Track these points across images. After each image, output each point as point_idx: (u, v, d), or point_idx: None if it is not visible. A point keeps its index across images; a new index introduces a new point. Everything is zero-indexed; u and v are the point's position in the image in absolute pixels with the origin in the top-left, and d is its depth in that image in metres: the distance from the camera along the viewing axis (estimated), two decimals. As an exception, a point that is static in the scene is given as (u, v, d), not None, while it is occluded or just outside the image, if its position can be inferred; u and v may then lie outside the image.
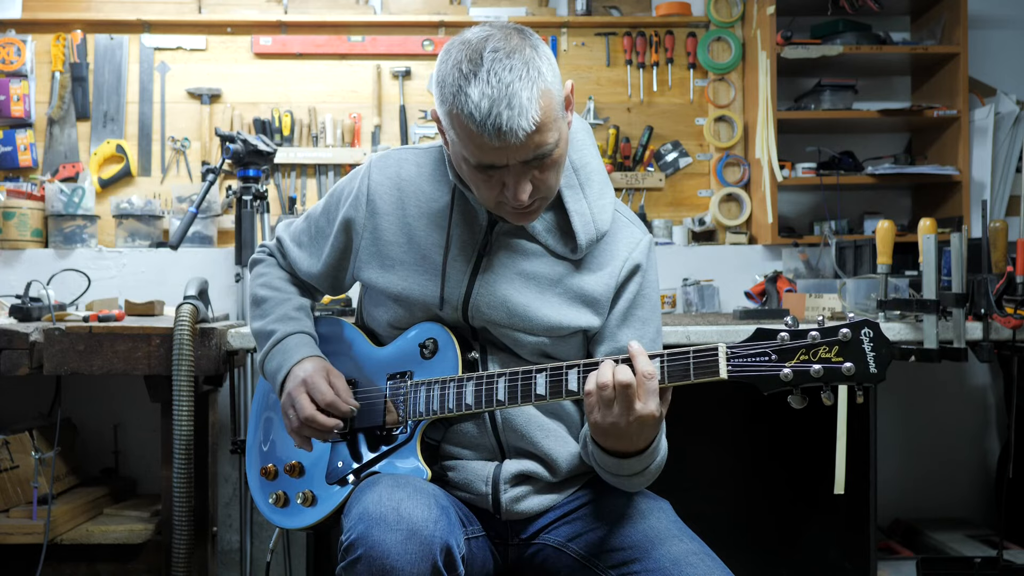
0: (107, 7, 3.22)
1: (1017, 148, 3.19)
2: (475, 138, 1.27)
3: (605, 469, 1.40)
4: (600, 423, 1.28)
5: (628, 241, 1.51)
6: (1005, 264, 2.20)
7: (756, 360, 1.20)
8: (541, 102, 1.27)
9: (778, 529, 2.65)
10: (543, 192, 1.36)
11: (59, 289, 2.68)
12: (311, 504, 1.51)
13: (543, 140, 1.29)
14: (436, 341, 1.48)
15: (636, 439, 1.30)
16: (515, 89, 1.24)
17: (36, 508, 2.35)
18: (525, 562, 1.52)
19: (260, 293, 1.63)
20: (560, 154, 1.35)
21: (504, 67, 1.25)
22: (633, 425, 1.26)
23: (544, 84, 1.28)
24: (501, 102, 1.24)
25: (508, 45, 1.28)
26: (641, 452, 1.33)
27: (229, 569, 2.97)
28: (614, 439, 1.31)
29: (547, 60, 1.32)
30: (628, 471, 1.36)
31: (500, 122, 1.24)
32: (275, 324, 1.57)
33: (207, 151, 3.21)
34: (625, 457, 1.34)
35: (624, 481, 1.41)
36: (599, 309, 1.48)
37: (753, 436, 2.72)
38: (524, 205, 1.35)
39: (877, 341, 1.16)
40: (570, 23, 3.29)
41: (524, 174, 1.32)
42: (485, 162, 1.30)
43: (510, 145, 1.26)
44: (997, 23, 3.38)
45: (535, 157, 1.30)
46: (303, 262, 1.62)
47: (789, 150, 3.17)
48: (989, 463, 3.18)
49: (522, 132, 1.25)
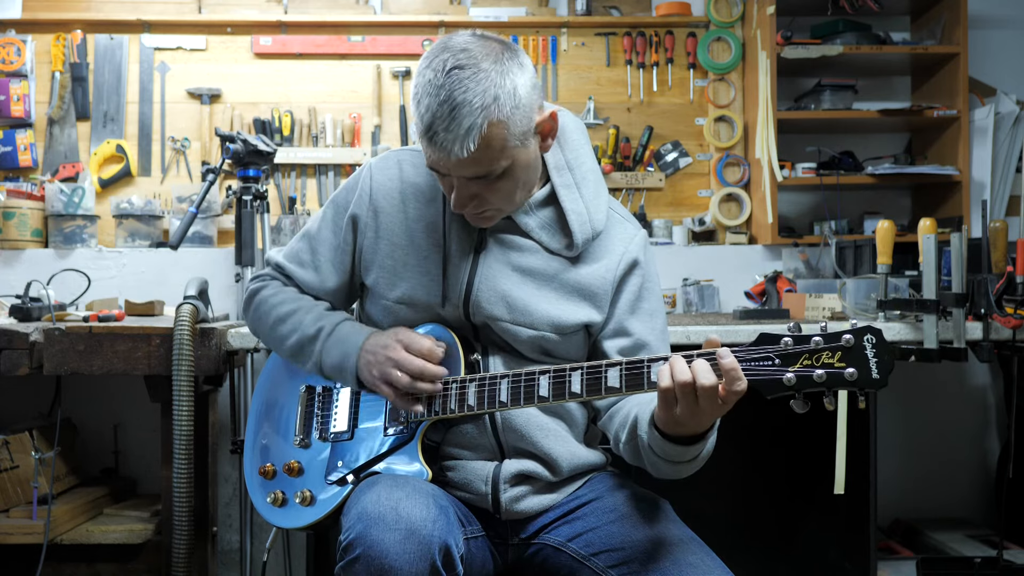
0: (107, 7, 3.22)
1: (1017, 148, 3.19)
2: (422, 141, 1.32)
3: (667, 458, 1.33)
4: (681, 416, 1.23)
5: (623, 237, 1.52)
6: (1005, 264, 2.20)
7: (759, 364, 1.21)
8: (484, 131, 1.28)
9: (778, 529, 2.65)
10: (491, 204, 1.39)
11: (59, 289, 2.69)
12: (310, 504, 1.51)
13: (482, 167, 1.32)
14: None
15: (701, 424, 1.26)
16: (459, 114, 1.27)
17: (36, 508, 2.35)
18: (525, 562, 1.52)
19: (281, 311, 1.56)
20: (515, 176, 1.37)
21: (460, 88, 1.27)
22: (708, 417, 1.22)
23: (497, 114, 1.28)
24: (442, 122, 1.27)
25: (478, 65, 1.28)
26: (706, 433, 1.30)
27: (229, 569, 2.97)
28: (685, 427, 1.26)
29: (517, 88, 1.30)
30: (691, 456, 1.32)
31: (437, 140, 1.28)
32: (316, 324, 1.52)
33: (207, 151, 3.22)
34: (692, 443, 1.30)
35: (682, 468, 1.36)
36: (598, 303, 1.49)
37: (753, 436, 2.71)
38: (463, 211, 1.39)
39: (880, 347, 1.17)
40: (570, 23, 3.29)
41: (464, 187, 1.36)
42: (431, 164, 1.35)
43: (445, 161, 1.31)
44: (997, 23, 3.38)
45: (475, 177, 1.33)
46: (312, 280, 1.58)
47: (789, 150, 3.17)
48: (989, 463, 3.18)
49: (454, 156, 1.29)
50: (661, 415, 1.26)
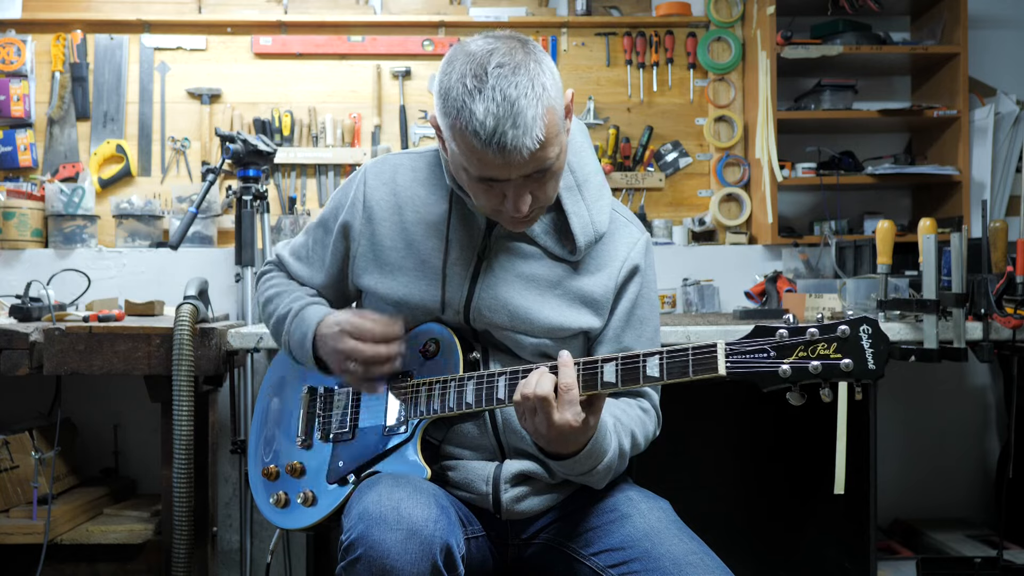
0: (107, 7, 3.22)
1: (1017, 148, 3.19)
2: (478, 154, 1.27)
3: (552, 467, 1.42)
4: (526, 428, 1.32)
5: (626, 241, 1.52)
6: (1005, 264, 2.20)
7: (755, 357, 1.19)
8: (545, 119, 1.27)
9: (778, 529, 2.65)
10: (541, 201, 1.37)
11: (59, 289, 2.69)
12: (311, 504, 1.51)
13: (545, 155, 1.30)
14: (438, 342, 1.48)
15: (565, 444, 1.32)
16: (520, 107, 1.24)
17: (36, 508, 2.35)
18: (525, 562, 1.52)
19: (267, 294, 1.64)
20: (560, 165, 1.37)
21: (510, 84, 1.25)
22: (553, 432, 1.28)
23: (548, 101, 1.28)
24: (506, 121, 1.24)
25: (513, 60, 1.27)
26: (573, 455, 1.34)
27: (229, 569, 2.97)
28: (544, 442, 1.33)
29: (550, 74, 1.31)
30: (570, 471, 1.39)
31: (505, 141, 1.24)
32: (288, 306, 1.57)
33: (207, 151, 3.21)
34: (561, 459, 1.36)
35: (576, 479, 1.43)
36: (599, 310, 1.49)
37: (753, 436, 2.72)
38: (522, 215, 1.36)
39: (875, 338, 1.16)
40: (570, 23, 3.29)
41: (524, 187, 1.33)
42: (486, 176, 1.31)
43: (513, 162, 1.27)
44: (997, 23, 3.38)
45: (536, 171, 1.31)
46: (304, 274, 1.63)
47: (789, 150, 3.17)
48: (989, 463, 3.18)
49: (526, 151, 1.26)
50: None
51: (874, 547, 2.23)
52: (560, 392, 1.26)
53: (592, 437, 1.33)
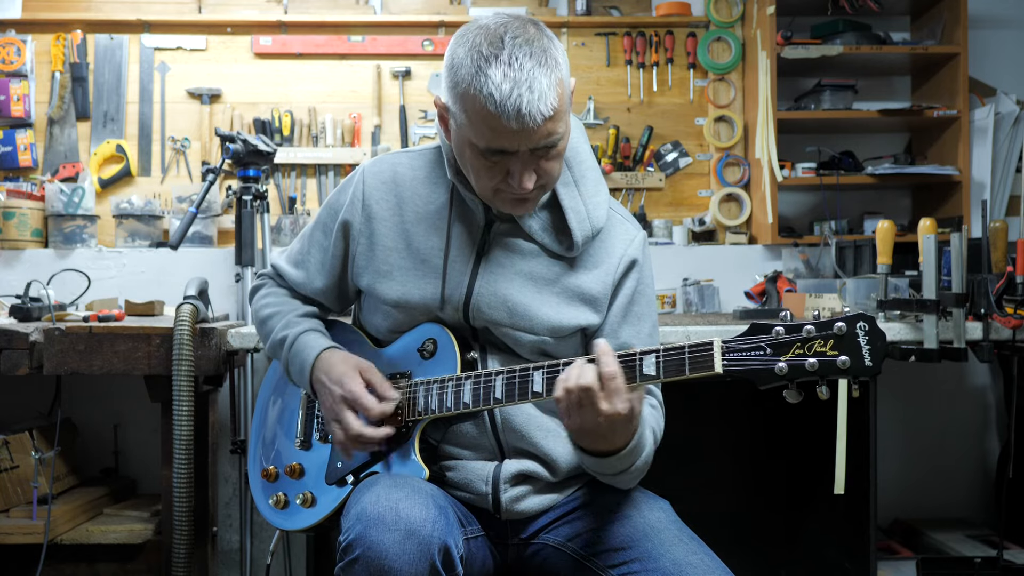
0: (107, 7, 3.22)
1: (1017, 148, 3.19)
2: (490, 120, 1.27)
3: (589, 468, 1.40)
4: (571, 426, 1.29)
5: (623, 238, 1.52)
6: (1005, 264, 2.20)
7: (751, 354, 1.19)
8: (558, 90, 1.29)
9: (778, 529, 2.65)
10: (544, 180, 1.37)
11: (59, 289, 2.69)
12: (311, 505, 1.52)
13: (555, 128, 1.31)
14: (436, 342, 1.48)
15: (611, 438, 1.30)
16: (536, 75, 1.26)
17: (36, 508, 2.35)
18: (525, 562, 1.52)
19: (263, 313, 1.63)
20: (564, 146, 1.37)
21: (524, 52, 1.27)
22: (603, 426, 1.26)
23: (560, 74, 1.30)
24: (522, 84, 1.25)
25: (526, 33, 1.29)
26: (619, 451, 1.33)
27: (229, 569, 2.97)
28: (589, 440, 1.31)
29: (561, 51, 1.33)
30: (611, 470, 1.37)
31: (520, 104, 1.25)
32: (282, 332, 1.56)
33: (207, 151, 3.22)
34: (604, 456, 1.34)
35: (611, 479, 1.41)
36: (597, 307, 1.49)
37: (753, 436, 2.72)
38: (527, 192, 1.35)
39: (872, 334, 1.16)
40: (570, 23, 3.29)
41: (531, 162, 1.33)
42: (495, 147, 1.31)
43: (526, 129, 1.27)
44: (997, 23, 3.37)
45: (544, 146, 1.32)
46: (303, 280, 1.61)
47: (789, 150, 3.17)
48: (989, 463, 3.18)
49: (540, 117, 1.27)
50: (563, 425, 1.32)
51: (874, 547, 2.23)
52: (604, 381, 1.24)
53: (638, 429, 1.32)
